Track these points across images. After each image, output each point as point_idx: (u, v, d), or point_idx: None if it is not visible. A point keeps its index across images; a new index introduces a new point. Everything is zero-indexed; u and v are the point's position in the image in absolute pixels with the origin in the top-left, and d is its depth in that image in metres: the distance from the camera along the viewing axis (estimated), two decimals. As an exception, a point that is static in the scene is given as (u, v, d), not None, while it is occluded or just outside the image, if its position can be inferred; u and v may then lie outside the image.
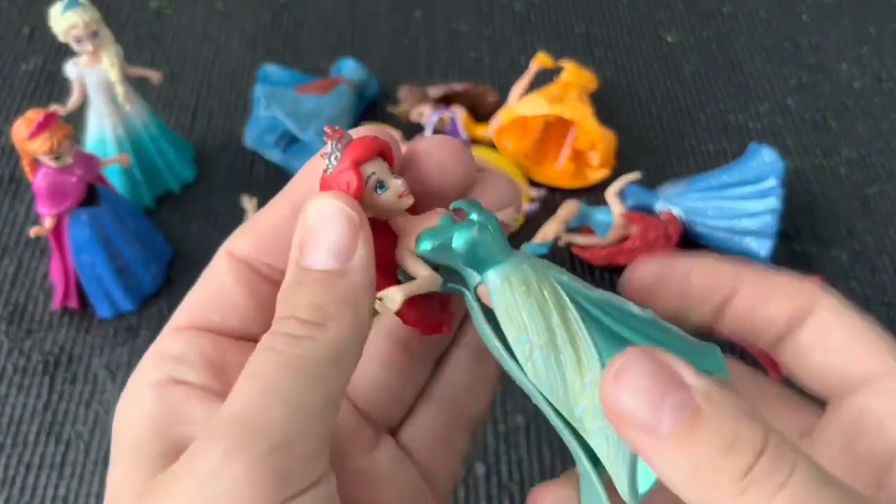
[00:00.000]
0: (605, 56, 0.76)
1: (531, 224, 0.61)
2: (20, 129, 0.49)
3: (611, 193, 0.59)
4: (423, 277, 0.23)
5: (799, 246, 0.62)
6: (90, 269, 0.55)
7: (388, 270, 0.24)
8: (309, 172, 0.23)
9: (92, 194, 0.54)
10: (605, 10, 0.81)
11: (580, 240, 0.60)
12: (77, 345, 0.55)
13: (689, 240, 0.59)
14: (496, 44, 0.77)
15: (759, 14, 0.81)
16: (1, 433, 0.51)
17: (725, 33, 0.79)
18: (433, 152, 0.24)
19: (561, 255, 0.60)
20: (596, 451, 0.22)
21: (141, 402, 0.21)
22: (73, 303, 0.56)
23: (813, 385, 0.24)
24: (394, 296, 0.22)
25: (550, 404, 0.22)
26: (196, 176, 0.65)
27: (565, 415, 0.22)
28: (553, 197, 0.64)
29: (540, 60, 0.68)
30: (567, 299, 0.22)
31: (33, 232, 0.53)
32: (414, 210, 0.24)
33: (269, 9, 0.80)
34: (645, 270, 0.26)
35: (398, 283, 0.23)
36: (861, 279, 0.60)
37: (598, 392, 0.21)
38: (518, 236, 0.60)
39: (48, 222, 0.53)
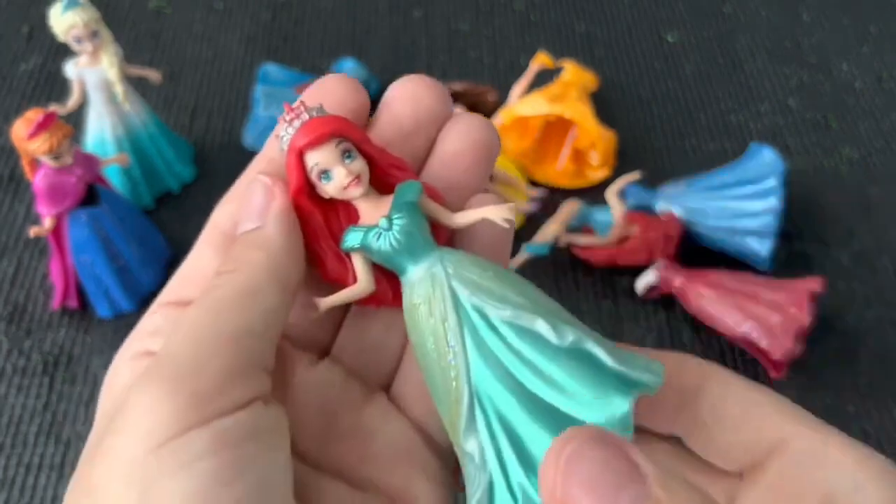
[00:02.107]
0: (605, 56, 0.76)
1: (531, 224, 0.61)
2: (20, 128, 0.49)
3: (611, 193, 0.59)
4: (350, 289, 0.24)
5: (799, 246, 0.62)
6: (90, 269, 0.55)
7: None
8: (272, 145, 0.25)
9: (91, 194, 0.54)
10: (605, 9, 0.81)
11: (580, 240, 0.60)
12: (77, 345, 0.55)
13: (690, 240, 0.59)
14: (496, 43, 0.77)
15: (760, 13, 0.81)
16: (0, 433, 0.51)
17: (726, 33, 0.79)
18: (404, 93, 0.25)
19: (561, 256, 0.60)
20: (464, 472, 0.22)
21: (118, 375, 0.23)
22: (73, 303, 0.56)
23: (724, 462, 0.24)
24: (316, 306, 0.24)
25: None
26: (195, 176, 0.65)
27: (441, 414, 0.23)
28: (553, 197, 0.63)
29: (540, 60, 0.68)
30: (454, 322, 0.22)
31: (33, 232, 0.53)
32: (382, 168, 0.24)
33: (269, 8, 0.80)
34: None
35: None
36: (862, 279, 0.60)
37: (459, 409, 0.21)
38: (518, 236, 0.60)
39: (48, 222, 0.52)
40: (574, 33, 0.78)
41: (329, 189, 0.23)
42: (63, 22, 0.54)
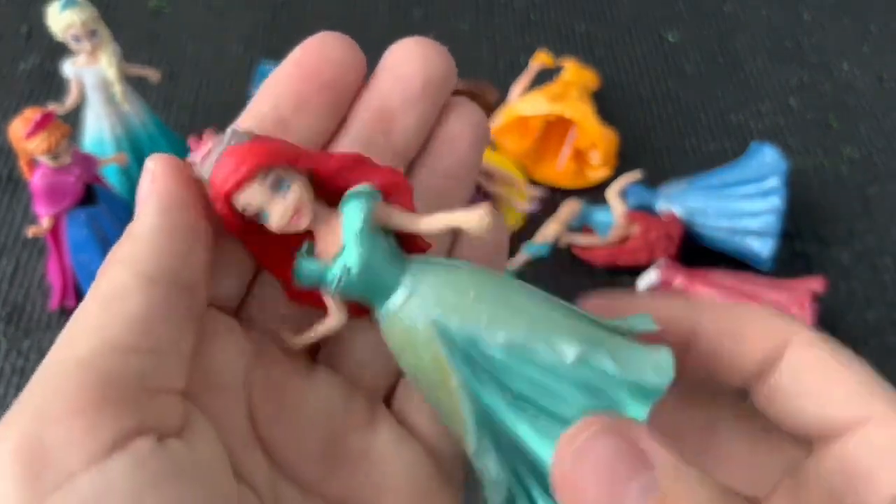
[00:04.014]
0: (605, 55, 0.76)
1: (531, 224, 0.61)
2: (18, 128, 0.49)
3: (612, 193, 0.59)
4: (325, 325, 0.21)
5: (800, 246, 0.62)
6: (88, 269, 0.54)
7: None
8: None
9: (90, 194, 0.54)
10: (605, 8, 0.81)
11: (581, 240, 0.59)
12: (75, 345, 0.55)
13: (691, 240, 0.59)
14: (496, 43, 0.77)
15: (761, 13, 0.81)
16: (-2, 434, 0.51)
17: (727, 32, 0.79)
18: (411, 55, 0.23)
19: (561, 256, 0.60)
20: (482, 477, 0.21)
21: None
22: (72, 303, 0.56)
23: (792, 430, 0.22)
24: (292, 343, 0.22)
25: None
26: (195, 175, 0.65)
27: (451, 428, 0.21)
28: (553, 197, 0.63)
29: (540, 59, 0.68)
30: (447, 356, 0.20)
31: (31, 232, 0.53)
32: (329, 177, 0.21)
33: (268, 7, 0.80)
34: (592, 305, 0.24)
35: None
36: (862, 279, 0.60)
37: (467, 440, 0.20)
38: (518, 236, 0.60)
39: (46, 222, 0.52)
40: (574, 32, 0.78)
41: (272, 227, 0.20)
42: (61, 21, 0.54)
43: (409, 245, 0.22)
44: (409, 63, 0.22)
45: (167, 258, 0.19)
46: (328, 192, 0.21)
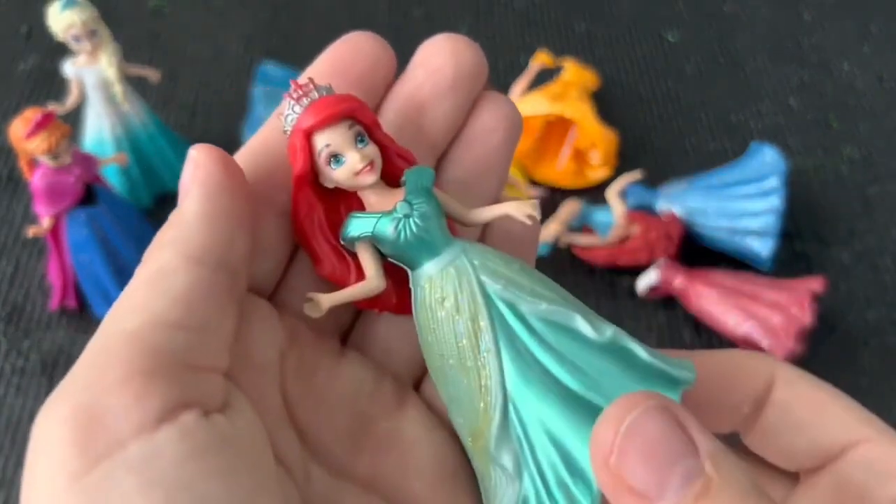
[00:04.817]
0: (605, 55, 0.76)
1: (532, 224, 0.61)
2: (18, 128, 0.49)
3: (612, 193, 0.59)
4: (360, 286, 0.21)
5: (800, 246, 0.62)
6: (88, 268, 0.54)
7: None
8: (271, 125, 0.23)
9: (90, 194, 0.54)
10: (605, 8, 0.81)
11: (581, 240, 0.59)
12: (75, 345, 0.55)
13: (691, 240, 0.59)
14: (496, 43, 0.77)
15: (761, 13, 0.81)
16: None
17: (727, 32, 0.79)
18: (443, 50, 0.23)
19: (561, 256, 0.60)
20: (484, 486, 0.21)
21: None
22: (71, 303, 0.56)
23: (783, 463, 0.23)
24: (318, 304, 0.21)
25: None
26: (195, 175, 0.64)
27: (460, 422, 0.21)
28: (553, 197, 0.63)
29: (540, 59, 0.68)
30: (486, 320, 0.20)
31: (31, 232, 0.53)
32: (390, 158, 0.22)
33: (269, 7, 0.80)
34: None
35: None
36: (863, 279, 0.60)
37: (492, 415, 0.20)
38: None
39: (46, 222, 0.52)
40: (574, 32, 0.78)
41: (338, 175, 0.21)
42: (61, 21, 0.54)
43: None
44: (440, 56, 0.23)
45: (211, 241, 0.19)
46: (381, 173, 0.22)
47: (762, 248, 0.57)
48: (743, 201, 0.58)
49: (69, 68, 0.57)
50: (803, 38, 0.78)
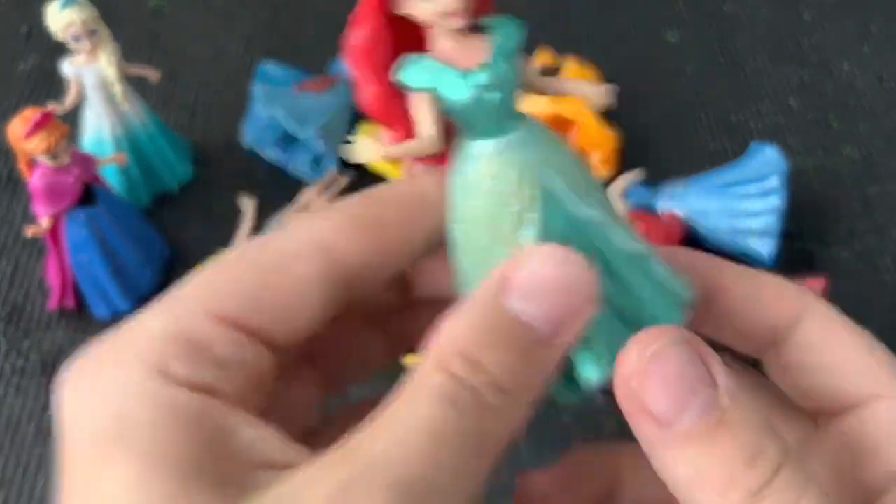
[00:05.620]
0: (605, 55, 0.76)
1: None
2: (17, 128, 0.49)
3: (613, 193, 0.59)
4: (418, 142, 0.19)
5: (800, 246, 0.62)
6: (87, 269, 0.54)
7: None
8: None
9: (89, 194, 0.54)
10: (605, 8, 0.81)
11: (581, 240, 0.59)
12: (75, 345, 0.55)
13: (691, 240, 0.59)
14: (496, 42, 0.77)
15: (761, 13, 0.81)
16: (-2, 434, 0.51)
17: (727, 32, 0.79)
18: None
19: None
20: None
21: (103, 402, 0.18)
22: (70, 303, 0.56)
23: (803, 402, 0.22)
24: (366, 150, 0.20)
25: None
26: (194, 175, 0.64)
27: (467, 280, 0.20)
28: (554, 196, 0.63)
29: (540, 59, 0.68)
30: (536, 212, 0.19)
31: (30, 232, 0.53)
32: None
33: (269, 7, 0.79)
34: None
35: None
36: (863, 279, 0.60)
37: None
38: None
39: (45, 222, 0.52)
40: (574, 32, 0.78)
41: (426, 7, 0.19)
42: (60, 20, 0.54)
43: None
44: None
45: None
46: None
47: (763, 248, 0.57)
48: (743, 201, 0.58)
49: (68, 68, 0.57)
50: (803, 38, 0.78)
